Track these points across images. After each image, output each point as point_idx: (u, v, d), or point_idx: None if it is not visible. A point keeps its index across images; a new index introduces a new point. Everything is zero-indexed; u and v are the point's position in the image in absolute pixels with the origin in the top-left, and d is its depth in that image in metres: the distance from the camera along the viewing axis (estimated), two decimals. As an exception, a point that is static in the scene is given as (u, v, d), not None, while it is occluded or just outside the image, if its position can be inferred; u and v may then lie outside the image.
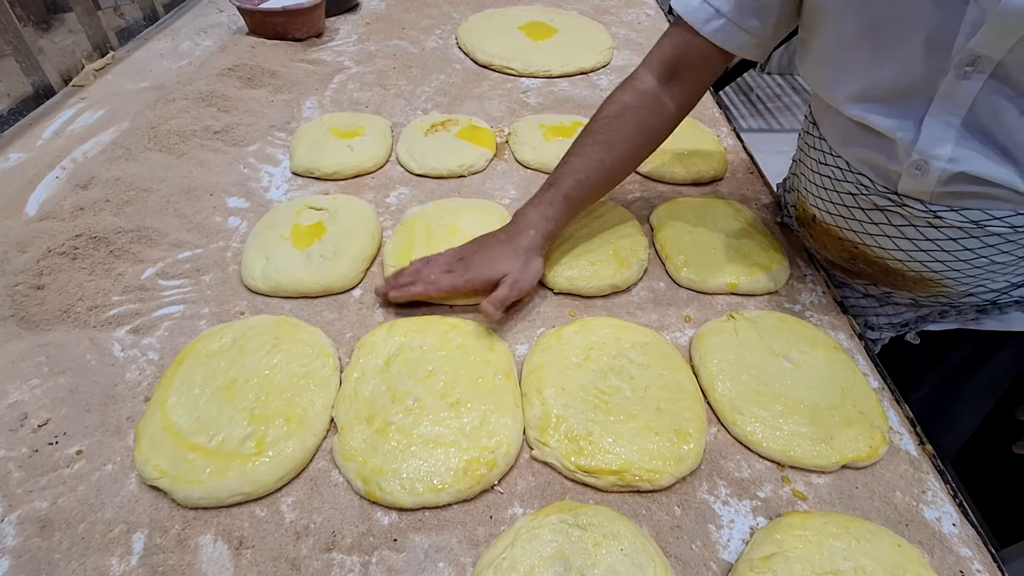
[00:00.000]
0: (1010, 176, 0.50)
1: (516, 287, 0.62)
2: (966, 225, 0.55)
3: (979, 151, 0.51)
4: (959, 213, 0.55)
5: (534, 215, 0.65)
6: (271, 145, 0.93)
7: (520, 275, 0.62)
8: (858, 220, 0.63)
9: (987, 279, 0.60)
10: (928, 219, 0.57)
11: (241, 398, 0.54)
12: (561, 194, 0.66)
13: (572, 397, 0.55)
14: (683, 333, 0.65)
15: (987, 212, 0.54)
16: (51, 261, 0.66)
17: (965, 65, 0.47)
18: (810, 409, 0.55)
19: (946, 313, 0.68)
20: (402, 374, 0.57)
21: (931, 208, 0.56)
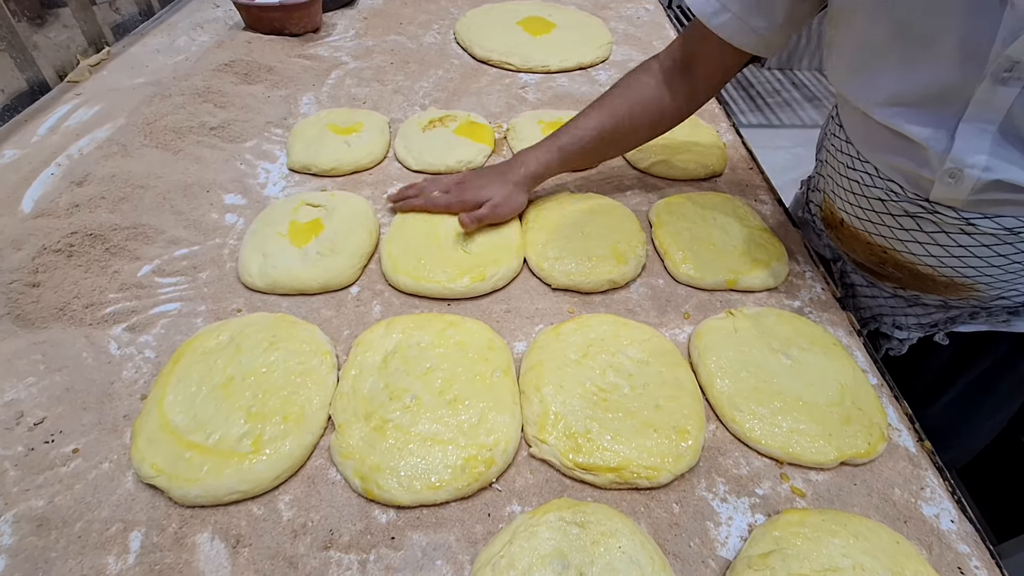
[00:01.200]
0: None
1: (495, 211, 0.71)
2: (1000, 232, 0.54)
3: (1015, 159, 0.49)
4: (993, 220, 0.54)
5: (528, 157, 0.74)
6: (268, 141, 0.92)
7: (501, 202, 0.71)
8: (887, 226, 0.62)
9: (1021, 283, 0.59)
10: (960, 226, 0.56)
11: (238, 396, 0.54)
12: (557, 145, 0.73)
13: (570, 394, 0.55)
14: (682, 330, 0.65)
15: (1022, 219, 0.53)
16: (46, 259, 0.66)
17: (1003, 71, 0.46)
18: (809, 406, 0.55)
19: (976, 315, 0.66)
20: (400, 371, 0.56)
21: (963, 215, 0.55)
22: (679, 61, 0.71)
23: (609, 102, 0.73)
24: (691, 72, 0.71)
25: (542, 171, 0.73)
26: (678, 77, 0.72)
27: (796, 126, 2.73)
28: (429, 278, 0.66)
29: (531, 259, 0.71)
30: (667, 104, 0.73)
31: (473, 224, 0.70)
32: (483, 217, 0.70)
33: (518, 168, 0.73)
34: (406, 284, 0.67)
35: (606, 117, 0.72)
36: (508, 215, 0.73)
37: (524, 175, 0.73)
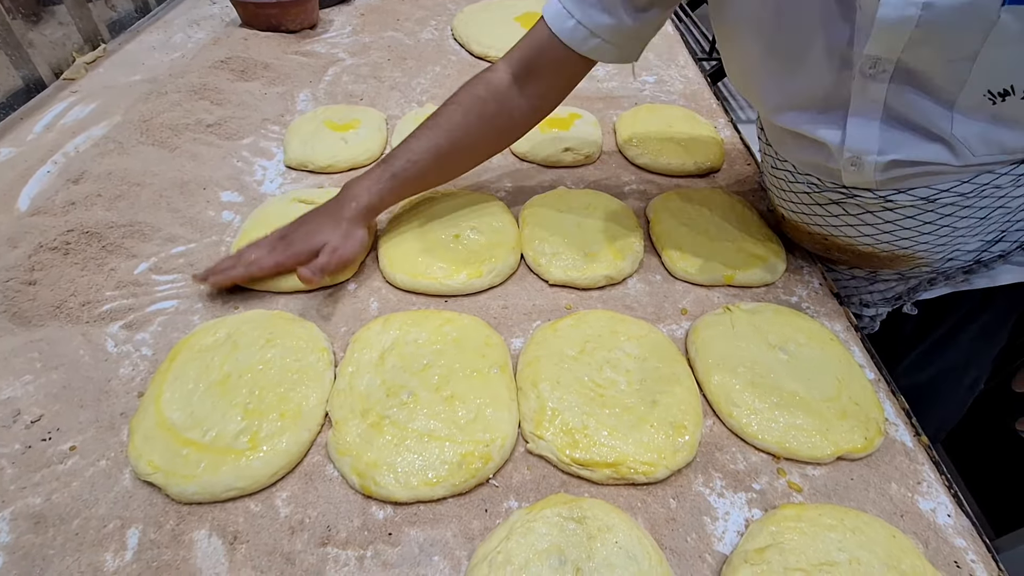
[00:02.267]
0: (939, 153, 0.53)
1: (336, 255, 0.63)
2: (917, 202, 0.57)
3: (907, 139, 0.53)
4: (907, 194, 0.57)
5: (359, 188, 0.67)
6: (265, 138, 0.92)
7: (340, 243, 0.64)
8: (819, 215, 0.65)
9: (958, 244, 0.62)
10: (881, 204, 0.59)
11: (235, 393, 0.54)
12: (389, 172, 0.67)
13: (567, 390, 0.55)
14: (679, 326, 0.65)
15: (933, 188, 0.56)
16: (43, 256, 0.66)
17: (868, 68, 0.49)
18: (806, 401, 0.55)
19: (935, 280, 0.69)
20: (397, 368, 0.56)
21: (880, 194, 0.58)
22: (525, 69, 0.67)
23: (445, 118, 0.67)
24: (536, 79, 0.67)
25: (376, 202, 0.67)
26: (522, 86, 0.68)
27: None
28: (426, 274, 0.66)
29: (528, 255, 0.70)
30: (510, 117, 0.69)
31: (317, 276, 0.60)
32: (325, 266, 0.61)
33: (349, 203, 0.66)
34: (403, 281, 0.67)
35: (442, 135, 0.67)
36: (352, 257, 0.65)
37: (357, 209, 0.65)
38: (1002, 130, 0.50)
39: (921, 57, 0.47)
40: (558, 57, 0.65)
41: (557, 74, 0.68)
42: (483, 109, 0.67)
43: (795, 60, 0.54)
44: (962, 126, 0.51)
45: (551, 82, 0.69)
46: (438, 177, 0.72)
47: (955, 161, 0.53)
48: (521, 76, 0.68)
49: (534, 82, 0.68)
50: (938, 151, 0.53)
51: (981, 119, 0.50)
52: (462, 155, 0.71)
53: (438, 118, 0.68)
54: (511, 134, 0.73)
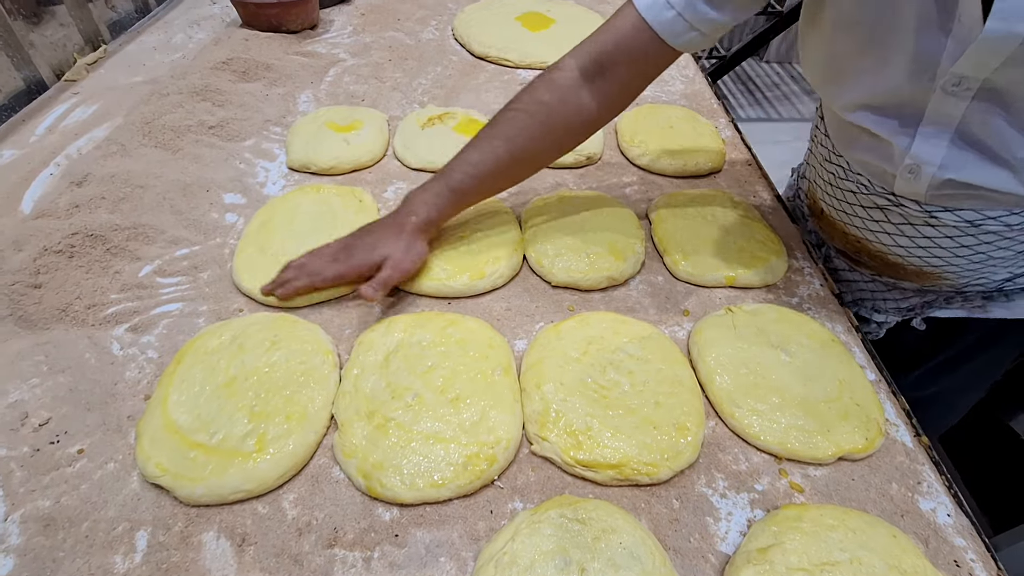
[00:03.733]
0: (1005, 181, 0.52)
1: (398, 269, 0.62)
2: (961, 224, 0.57)
3: (971, 160, 0.52)
4: (954, 213, 0.57)
5: (418, 203, 0.65)
6: (267, 140, 0.92)
7: (402, 257, 0.63)
8: (860, 217, 0.65)
9: (988, 272, 0.62)
10: (924, 218, 0.59)
11: (241, 395, 0.54)
12: (448, 187, 0.65)
13: (571, 392, 0.55)
14: (681, 327, 0.65)
15: (981, 213, 0.56)
16: (48, 260, 0.66)
17: (952, 85, 0.48)
18: (807, 402, 0.55)
19: (952, 300, 0.68)
20: (401, 370, 0.57)
21: (926, 208, 0.58)
22: (597, 65, 0.62)
23: (506, 126, 0.64)
24: (609, 77, 0.63)
25: (435, 216, 0.65)
26: (592, 85, 0.63)
27: (795, 120, 2.73)
28: (429, 276, 0.67)
29: (530, 256, 0.71)
30: (578, 120, 0.65)
31: (379, 293, 0.60)
32: (387, 280, 0.61)
33: (409, 217, 0.64)
34: (406, 282, 0.67)
35: (501, 145, 0.64)
36: (412, 270, 0.64)
37: (417, 223, 0.64)
38: None
39: (1012, 78, 0.46)
40: (644, 50, 0.60)
41: (636, 69, 0.63)
42: (547, 114, 0.63)
43: (882, 63, 0.53)
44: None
45: (627, 78, 0.63)
46: (498, 187, 0.69)
47: (1018, 191, 0.52)
48: (592, 73, 0.63)
49: (607, 79, 0.63)
50: (1002, 178, 0.52)
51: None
52: (523, 164, 0.67)
53: (498, 126, 0.64)
54: (576, 139, 0.68)
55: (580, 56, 0.63)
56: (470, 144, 0.65)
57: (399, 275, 0.63)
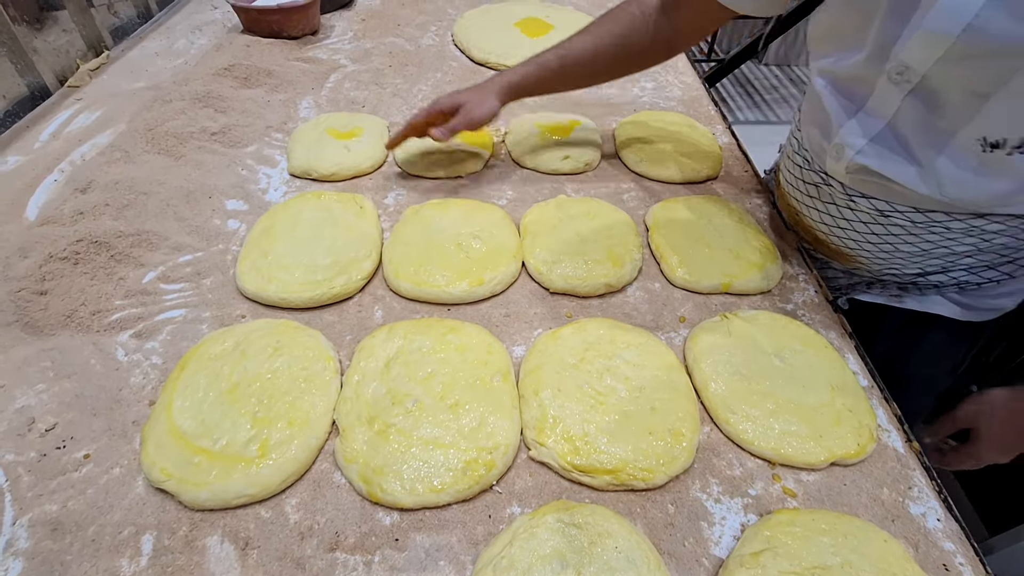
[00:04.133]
0: (911, 179, 0.57)
1: (467, 116, 0.74)
2: (873, 212, 0.64)
3: (887, 153, 0.58)
4: (868, 200, 0.64)
5: (509, 70, 0.78)
6: (268, 146, 0.93)
7: (474, 107, 0.74)
8: (800, 190, 0.73)
9: (898, 264, 0.68)
10: (846, 201, 0.66)
11: (244, 401, 0.55)
12: (537, 62, 0.76)
13: (568, 398, 0.56)
14: (678, 333, 0.66)
15: (891, 204, 0.62)
16: (53, 266, 0.67)
17: (896, 73, 0.53)
18: (801, 408, 0.56)
19: (872, 285, 0.76)
20: (402, 376, 0.58)
21: (848, 192, 0.65)
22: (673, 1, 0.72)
23: (601, 27, 0.75)
24: (679, 13, 0.72)
25: (518, 81, 0.76)
26: (667, 16, 0.73)
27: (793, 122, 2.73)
28: (429, 283, 0.68)
29: (529, 263, 0.72)
30: (651, 36, 0.74)
31: (446, 136, 0.73)
32: (455, 127, 0.73)
33: (495, 78, 0.77)
34: (407, 289, 0.68)
35: (591, 41, 0.74)
36: (480, 119, 0.74)
37: (500, 83, 0.76)
38: (980, 179, 0.54)
39: (945, 78, 0.50)
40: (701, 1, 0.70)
41: (701, 14, 0.72)
42: (631, 25, 0.74)
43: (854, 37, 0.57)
44: (946, 162, 0.54)
45: (693, 19, 0.73)
46: (579, 79, 0.79)
47: (921, 189, 0.57)
48: (670, 6, 0.72)
49: (679, 14, 0.72)
50: (909, 175, 0.57)
51: (968, 162, 0.53)
52: (604, 63, 0.77)
53: (591, 26, 0.75)
54: (650, 56, 0.78)
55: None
56: (570, 37, 0.76)
57: (467, 122, 0.74)
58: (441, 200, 0.80)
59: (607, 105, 1.06)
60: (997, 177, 0.53)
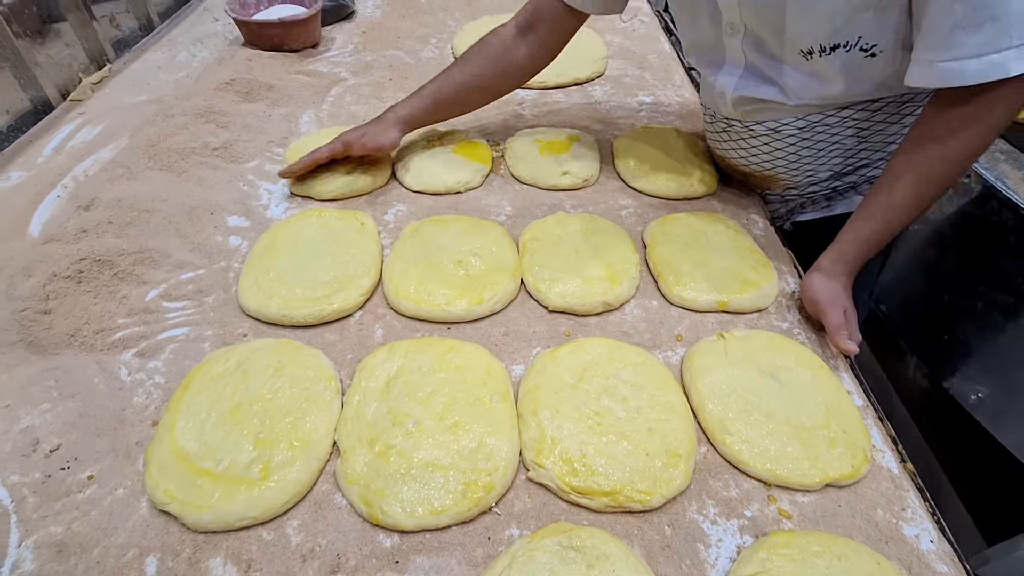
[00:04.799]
0: (776, 95, 0.74)
1: (373, 139, 0.85)
2: (769, 132, 0.79)
3: (753, 83, 0.76)
4: (762, 125, 0.79)
5: (397, 106, 0.89)
6: (270, 161, 0.94)
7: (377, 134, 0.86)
8: (716, 140, 0.89)
9: (808, 170, 0.82)
10: (748, 132, 0.81)
11: (246, 422, 0.56)
12: (419, 96, 0.89)
13: (567, 418, 0.57)
14: (675, 352, 0.67)
15: (778, 121, 0.77)
16: (57, 285, 0.68)
17: (729, 28, 0.72)
18: (796, 428, 0.57)
19: (805, 205, 0.89)
20: (402, 396, 0.58)
21: (746, 124, 0.81)
22: (527, 24, 0.86)
23: (466, 62, 0.88)
24: (535, 33, 0.86)
25: (407, 114, 0.88)
26: (524, 38, 0.87)
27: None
28: (429, 301, 0.68)
29: (528, 281, 0.73)
30: (512, 60, 0.88)
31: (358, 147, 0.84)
32: (364, 143, 0.85)
33: (388, 113, 0.88)
34: (407, 308, 0.69)
35: (459, 74, 0.88)
36: (385, 144, 0.86)
37: (393, 117, 0.87)
38: (817, 80, 0.70)
39: (754, 23, 0.69)
40: (554, 13, 0.84)
41: (553, 27, 0.86)
42: (494, 54, 0.88)
43: (690, 14, 0.77)
44: (790, 76, 0.71)
45: (548, 34, 0.87)
46: (457, 106, 0.92)
47: (787, 101, 0.73)
48: (525, 29, 0.87)
49: (535, 33, 0.87)
50: (775, 93, 0.74)
51: (802, 71, 0.70)
52: (476, 91, 0.91)
53: (459, 61, 0.89)
54: (517, 77, 0.92)
55: (518, 16, 0.88)
56: (443, 72, 0.89)
57: (374, 144, 0.85)
58: (441, 217, 0.81)
59: (605, 120, 1.07)
60: (827, 74, 0.69)
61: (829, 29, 0.64)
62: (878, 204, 0.68)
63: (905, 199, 0.66)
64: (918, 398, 1.29)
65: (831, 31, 0.64)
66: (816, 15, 0.63)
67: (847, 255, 0.70)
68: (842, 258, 0.70)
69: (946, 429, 1.22)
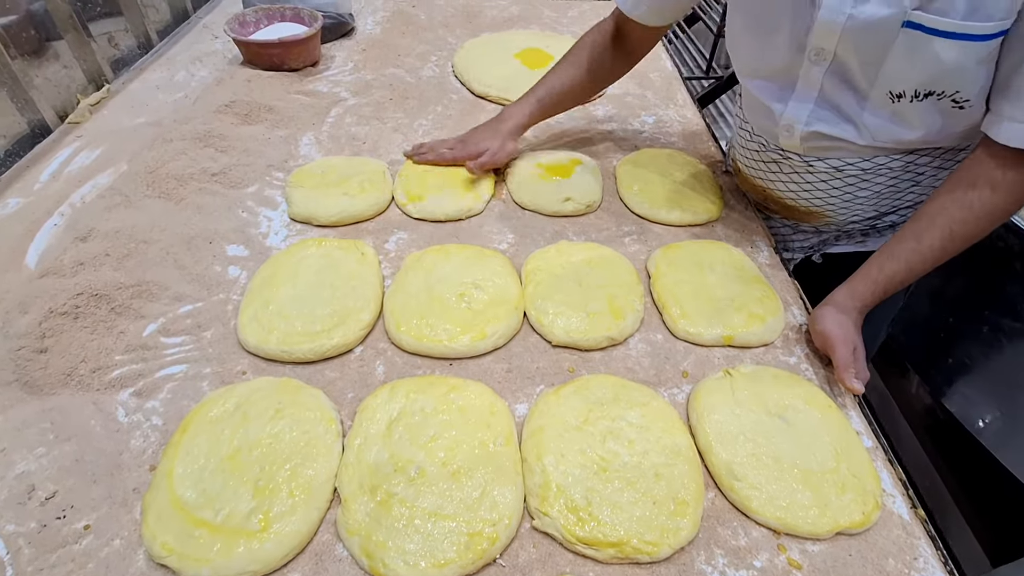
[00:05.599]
0: (850, 133, 0.71)
1: (493, 158, 0.90)
2: (830, 170, 0.77)
3: (828, 117, 0.72)
4: (824, 161, 0.77)
5: (514, 110, 0.93)
6: (269, 186, 0.93)
7: (497, 149, 0.90)
8: (762, 170, 0.86)
9: (858, 209, 0.81)
10: (805, 167, 0.79)
11: (246, 469, 0.55)
12: (536, 99, 0.93)
13: (572, 464, 0.56)
14: (680, 389, 0.66)
15: (843, 160, 0.76)
16: (53, 322, 0.67)
17: (813, 55, 0.67)
18: (805, 473, 0.56)
19: (840, 238, 0.89)
20: (404, 440, 0.57)
21: (805, 159, 0.78)
22: (618, 28, 0.90)
23: (576, 56, 0.92)
24: (625, 36, 0.91)
25: (526, 122, 0.92)
26: (619, 39, 0.91)
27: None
28: (431, 337, 0.67)
29: (530, 314, 0.72)
30: (616, 57, 0.92)
31: (479, 170, 0.89)
32: (485, 164, 0.89)
33: (507, 122, 0.92)
34: (408, 343, 0.68)
35: (573, 70, 0.92)
36: (504, 160, 0.92)
37: (513, 127, 0.91)
38: (897, 124, 0.68)
39: (848, 54, 0.64)
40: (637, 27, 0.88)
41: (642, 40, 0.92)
42: (594, 58, 0.92)
43: (767, 36, 0.71)
44: (870, 116, 0.69)
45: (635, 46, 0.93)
46: (570, 101, 0.97)
47: (859, 141, 0.71)
48: (617, 35, 0.91)
49: (626, 43, 0.92)
50: (850, 131, 0.71)
51: (884, 113, 0.68)
52: (586, 84, 0.94)
53: (568, 58, 0.93)
54: (605, 83, 1.00)
55: (614, 19, 0.91)
56: (552, 70, 0.94)
57: (492, 163, 0.90)
58: (442, 247, 0.80)
59: (607, 142, 1.06)
60: (911, 119, 0.67)
61: (930, 75, 0.62)
62: (904, 247, 0.68)
63: (932, 248, 0.66)
64: (921, 415, 1.29)
65: (931, 78, 0.62)
66: (924, 58, 0.60)
67: (863, 293, 0.69)
68: (858, 295, 0.69)
69: (950, 449, 1.21)
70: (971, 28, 0.57)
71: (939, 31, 0.58)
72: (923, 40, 0.59)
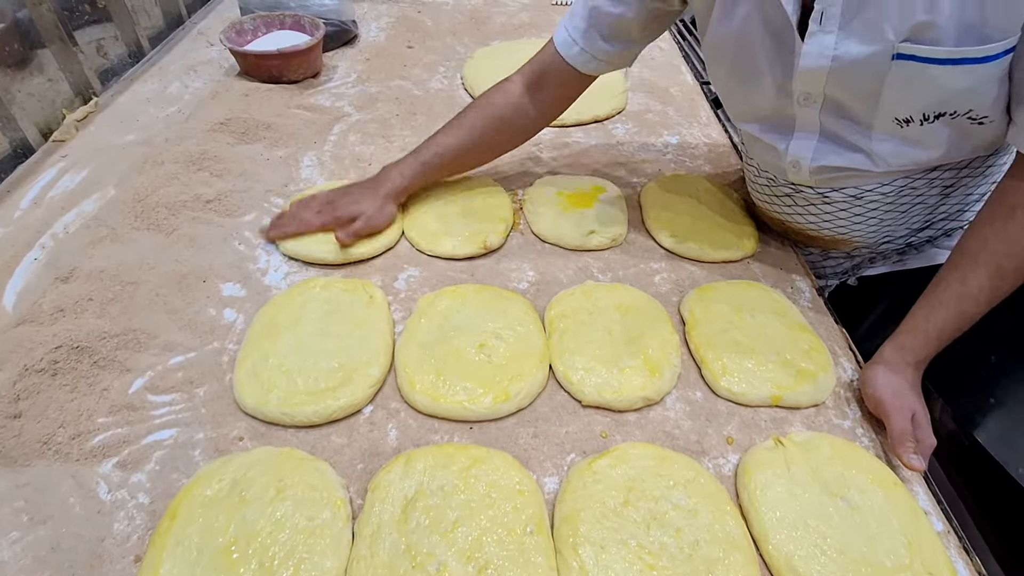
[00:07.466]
0: (862, 162, 0.66)
1: (369, 223, 0.77)
2: (848, 199, 0.72)
3: (834, 150, 0.67)
4: (839, 192, 0.71)
5: (394, 172, 0.81)
6: (268, 214, 0.86)
7: (374, 214, 0.78)
8: (777, 204, 0.79)
9: (888, 231, 0.75)
10: (820, 199, 0.73)
11: (242, 565, 0.48)
12: (419, 161, 0.81)
13: (613, 556, 0.49)
14: (726, 459, 0.59)
15: (859, 188, 0.70)
16: (29, 381, 0.60)
17: (802, 99, 0.64)
18: (876, 570, 0.50)
19: (875, 260, 0.83)
20: (422, 528, 0.51)
21: (819, 191, 0.73)
22: (536, 81, 0.80)
23: (467, 119, 0.81)
24: (544, 91, 0.81)
25: (407, 184, 0.81)
26: (533, 95, 0.81)
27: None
28: (449, 398, 0.61)
29: (558, 370, 0.65)
30: (523, 121, 0.83)
31: (350, 239, 0.75)
32: (359, 231, 0.76)
33: (385, 183, 0.80)
34: (424, 404, 0.61)
35: (463, 134, 0.81)
36: (382, 226, 0.79)
37: (391, 189, 0.80)
38: (912, 147, 0.63)
39: (840, 93, 0.61)
40: (564, 74, 0.78)
41: (562, 86, 0.81)
42: (500, 114, 0.81)
43: (750, 84, 0.67)
44: (879, 143, 0.64)
45: (557, 93, 0.82)
46: (458, 168, 0.86)
47: (874, 168, 0.66)
48: (532, 87, 0.81)
49: (543, 92, 0.81)
50: (860, 160, 0.66)
51: (894, 138, 0.63)
52: (480, 152, 0.85)
53: (462, 119, 0.82)
54: (523, 135, 0.87)
55: (525, 73, 0.81)
56: (440, 130, 0.82)
57: (368, 229, 0.77)
58: (457, 288, 0.73)
59: (629, 164, 0.99)
60: (925, 141, 0.62)
61: (936, 99, 0.57)
62: (949, 291, 0.61)
63: (982, 289, 0.59)
64: (944, 441, 1.23)
65: (937, 101, 0.57)
66: (924, 86, 0.55)
67: (914, 346, 0.62)
68: (908, 350, 0.62)
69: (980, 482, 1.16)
70: (969, 52, 0.52)
71: (934, 59, 0.53)
72: (919, 69, 0.54)
